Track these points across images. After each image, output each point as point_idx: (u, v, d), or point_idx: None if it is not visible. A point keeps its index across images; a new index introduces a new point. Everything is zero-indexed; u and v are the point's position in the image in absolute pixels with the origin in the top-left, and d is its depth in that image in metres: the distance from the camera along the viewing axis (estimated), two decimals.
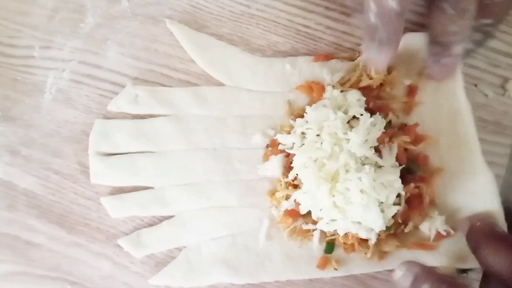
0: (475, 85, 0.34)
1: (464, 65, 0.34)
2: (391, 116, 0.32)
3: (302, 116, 0.32)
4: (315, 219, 0.31)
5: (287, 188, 0.32)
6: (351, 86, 0.33)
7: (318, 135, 0.31)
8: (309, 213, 0.31)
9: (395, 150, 0.31)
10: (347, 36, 0.35)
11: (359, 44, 0.34)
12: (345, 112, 0.31)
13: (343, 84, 0.33)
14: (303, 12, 0.35)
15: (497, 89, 0.34)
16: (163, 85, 0.35)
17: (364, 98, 0.32)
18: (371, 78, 0.32)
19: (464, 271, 0.32)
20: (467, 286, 0.31)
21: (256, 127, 0.34)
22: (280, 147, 0.33)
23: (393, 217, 0.30)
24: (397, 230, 0.32)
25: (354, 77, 0.33)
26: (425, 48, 0.32)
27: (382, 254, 0.32)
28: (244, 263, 0.32)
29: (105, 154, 0.34)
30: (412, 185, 0.31)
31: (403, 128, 0.33)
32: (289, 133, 0.33)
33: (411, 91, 0.33)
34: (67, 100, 0.36)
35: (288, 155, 0.32)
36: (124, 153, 0.34)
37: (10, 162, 0.36)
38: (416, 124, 0.32)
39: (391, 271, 0.30)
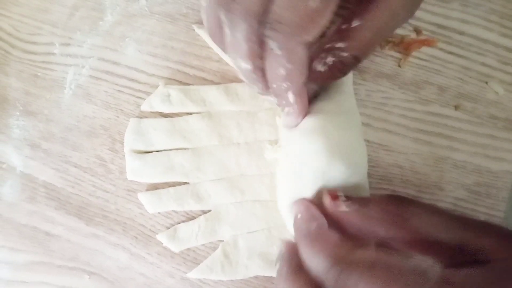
0: (486, 83, 0.35)
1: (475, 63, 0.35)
2: None
3: None
4: None
5: None
6: None
7: None
8: None
9: None
10: None
11: None
12: None
13: None
14: None
15: (508, 86, 0.35)
16: (179, 82, 0.36)
17: None
18: None
19: None
20: None
21: None
22: None
23: None
24: None
25: None
26: None
27: None
28: None
29: (141, 151, 0.35)
30: None
31: None
32: None
33: None
34: (86, 96, 0.37)
35: None
36: (159, 151, 0.35)
37: (30, 156, 0.37)
38: None
39: None
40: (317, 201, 0.27)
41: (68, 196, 0.36)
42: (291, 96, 0.26)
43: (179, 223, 0.34)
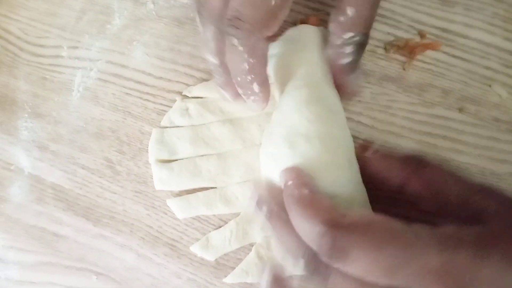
0: (489, 86, 0.35)
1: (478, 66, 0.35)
2: None
3: None
4: None
5: None
6: None
7: None
8: None
9: None
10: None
11: (378, 46, 0.36)
12: None
13: None
14: (322, 14, 0.36)
15: (511, 89, 0.35)
16: (187, 84, 0.37)
17: None
18: None
19: None
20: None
21: None
22: None
23: None
24: None
25: None
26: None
27: None
28: None
29: (165, 160, 0.35)
30: None
31: None
32: None
33: None
34: (94, 98, 0.37)
35: None
36: (183, 158, 0.35)
37: (38, 157, 0.37)
38: None
39: None
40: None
41: (76, 197, 0.36)
42: (256, 87, 0.28)
43: (185, 223, 0.35)
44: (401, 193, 0.27)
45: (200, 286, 0.34)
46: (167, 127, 0.36)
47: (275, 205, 0.27)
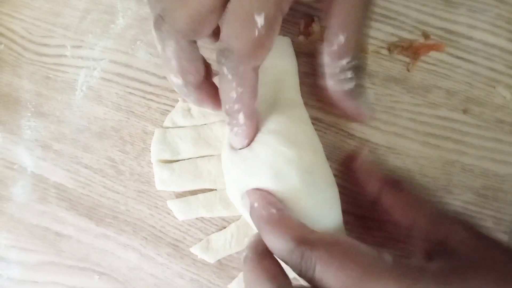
0: (494, 87, 0.35)
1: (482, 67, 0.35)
2: None
3: None
4: None
5: None
6: None
7: None
8: None
9: None
10: (372, 40, 0.36)
11: (382, 47, 0.36)
12: None
13: None
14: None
15: None
16: None
17: None
18: None
19: None
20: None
21: None
22: None
23: None
24: None
25: None
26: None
27: None
28: None
29: (167, 161, 0.35)
30: None
31: None
32: None
33: None
34: (98, 98, 0.37)
35: None
36: (185, 159, 0.35)
37: (41, 156, 0.37)
38: None
39: None
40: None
41: (78, 196, 0.36)
42: (241, 118, 0.27)
43: (188, 223, 0.35)
44: (378, 203, 0.30)
45: (203, 287, 0.34)
46: (169, 128, 0.36)
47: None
